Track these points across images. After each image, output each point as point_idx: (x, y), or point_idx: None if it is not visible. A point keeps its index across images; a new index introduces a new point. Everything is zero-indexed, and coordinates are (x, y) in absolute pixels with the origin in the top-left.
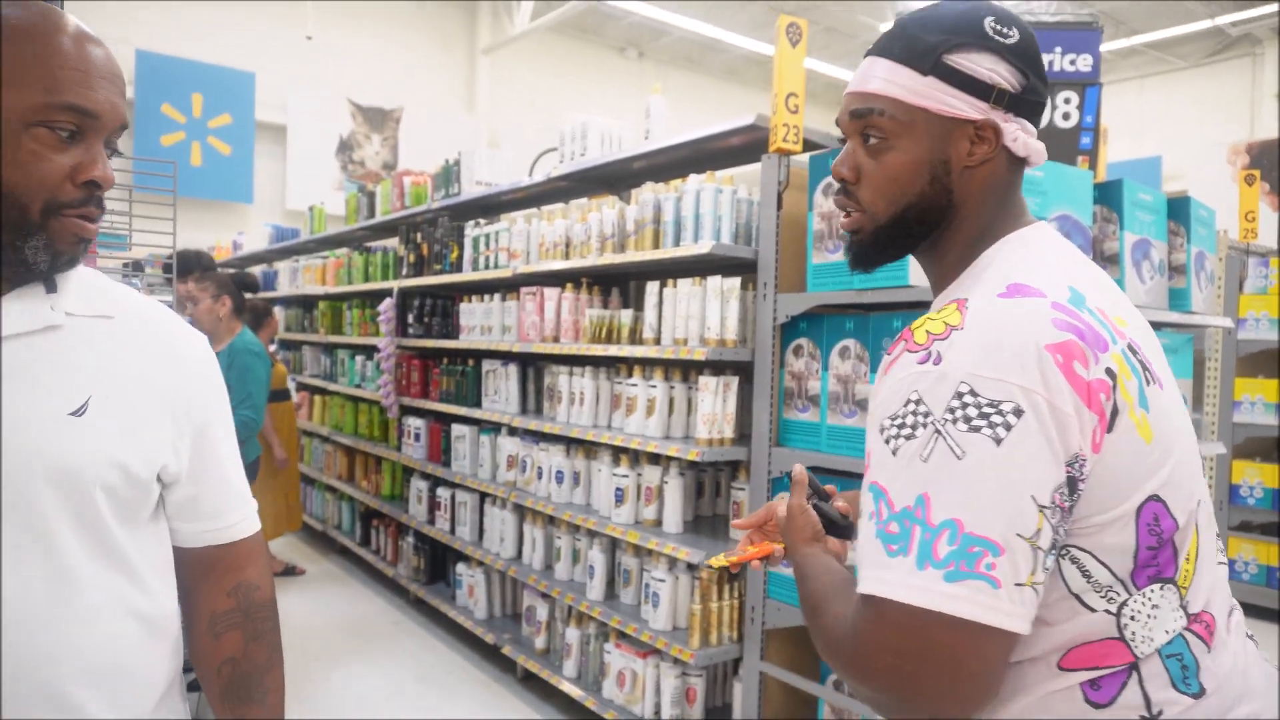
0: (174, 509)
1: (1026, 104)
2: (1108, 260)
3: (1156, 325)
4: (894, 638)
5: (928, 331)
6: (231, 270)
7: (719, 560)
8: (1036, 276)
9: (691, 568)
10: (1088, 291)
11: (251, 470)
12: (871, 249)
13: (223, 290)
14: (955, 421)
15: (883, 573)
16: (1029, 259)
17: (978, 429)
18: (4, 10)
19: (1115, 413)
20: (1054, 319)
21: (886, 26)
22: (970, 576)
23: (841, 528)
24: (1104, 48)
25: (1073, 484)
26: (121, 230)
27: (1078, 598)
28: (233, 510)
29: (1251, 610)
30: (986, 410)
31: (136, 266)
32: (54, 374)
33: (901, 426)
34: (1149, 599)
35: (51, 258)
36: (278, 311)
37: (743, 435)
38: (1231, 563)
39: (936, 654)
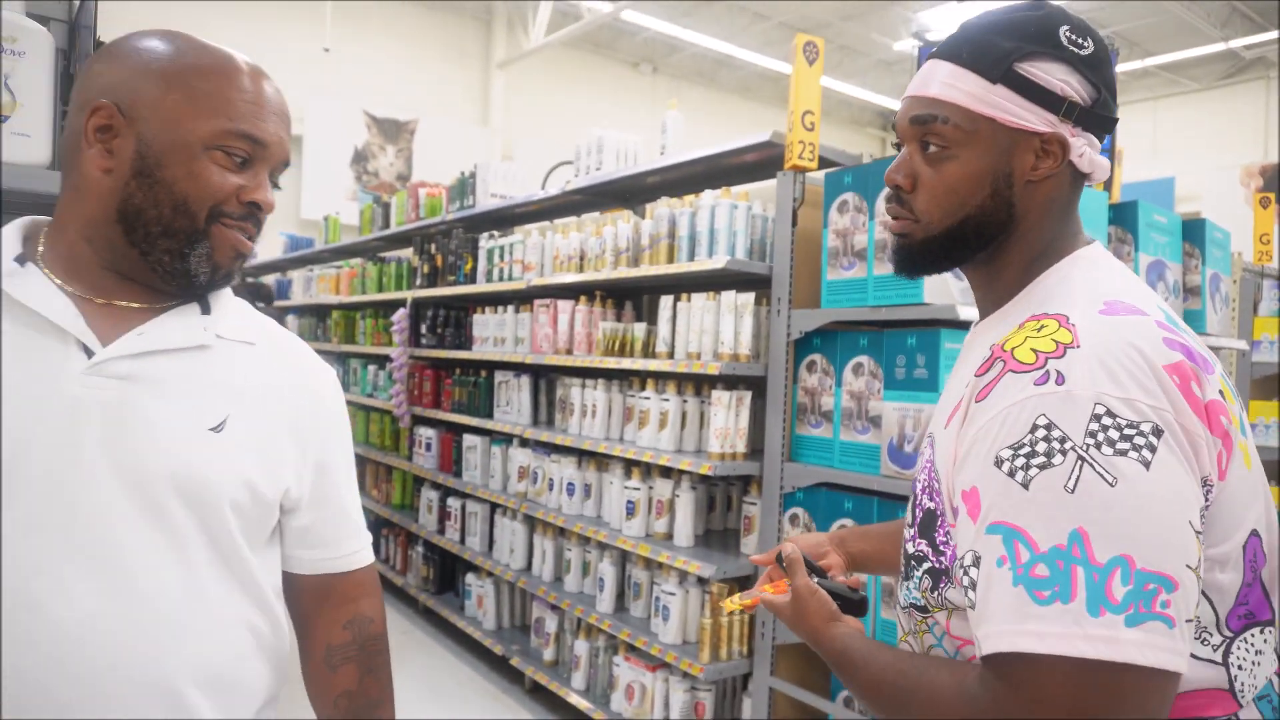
0: (293, 535)
1: (1095, 118)
2: None
3: None
4: (1068, 699)
5: (1035, 350)
6: (249, 280)
7: (734, 603)
8: (1130, 294)
9: (702, 581)
10: (1170, 311)
11: None
12: (920, 257)
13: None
14: (1099, 446)
15: (1034, 625)
16: (1113, 277)
17: (1124, 452)
18: (194, 51)
19: (1230, 437)
20: (1164, 338)
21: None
22: (1150, 618)
23: (855, 603)
24: (1118, 69)
25: (1203, 512)
26: None
27: None
28: (350, 540)
29: None
30: (1128, 432)
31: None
32: (200, 390)
33: (1032, 455)
34: (1252, 645)
35: (211, 270)
36: (291, 320)
37: (755, 450)
38: None
39: (1124, 709)
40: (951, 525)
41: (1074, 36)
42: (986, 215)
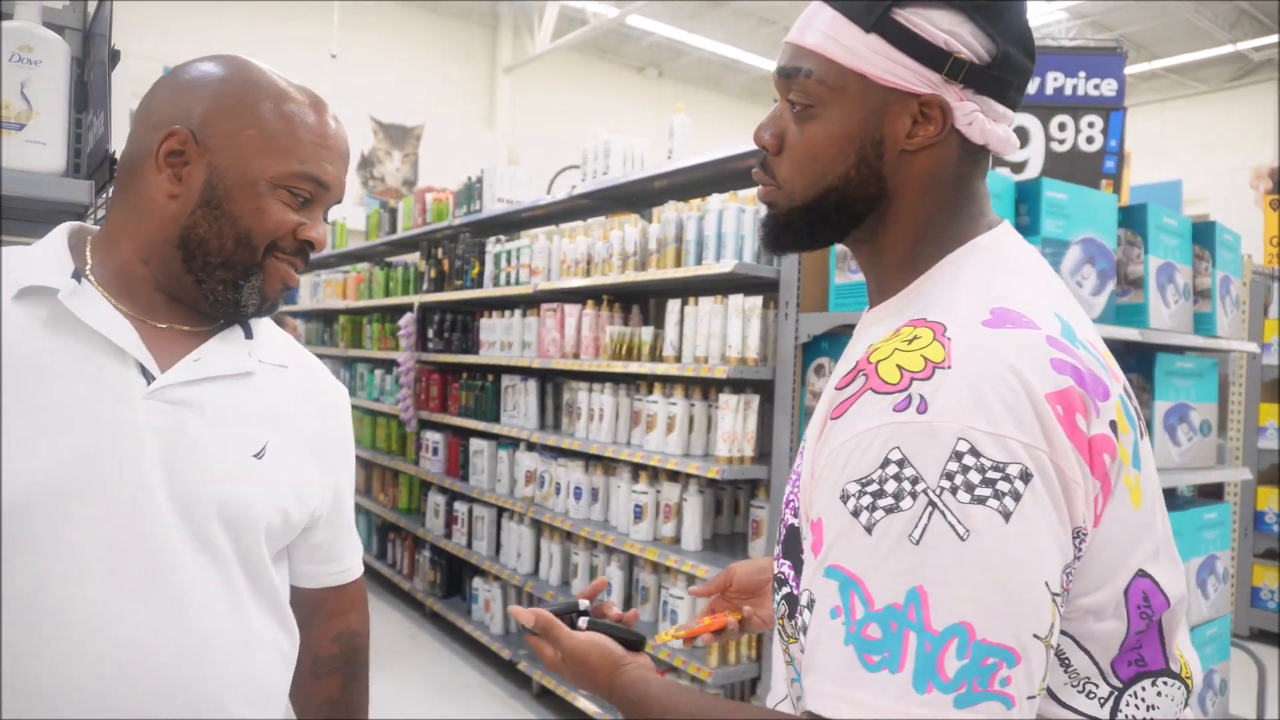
0: (305, 551)
1: (994, 80)
2: (1132, 284)
3: (1181, 349)
4: None
5: (900, 367)
6: None
7: (667, 635)
8: (1023, 300)
9: None
10: (1072, 318)
11: None
12: (784, 231)
13: None
14: (955, 490)
15: (859, 692)
16: (1010, 277)
17: (982, 499)
18: (270, 87)
19: (1110, 479)
20: (1052, 359)
21: None
22: (984, 698)
23: (634, 643)
24: (1127, 71)
25: (1069, 567)
26: None
27: (1053, 694)
28: (349, 555)
29: (1278, 639)
30: (991, 475)
31: None
32: (245, 417)
33: (879, 495)
34: (1143, 698)
35: (260, 301)
36: (299, 324)
37: (763, 454)
38: (1256, 590)
39: None
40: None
41: None
42: (852, 188)
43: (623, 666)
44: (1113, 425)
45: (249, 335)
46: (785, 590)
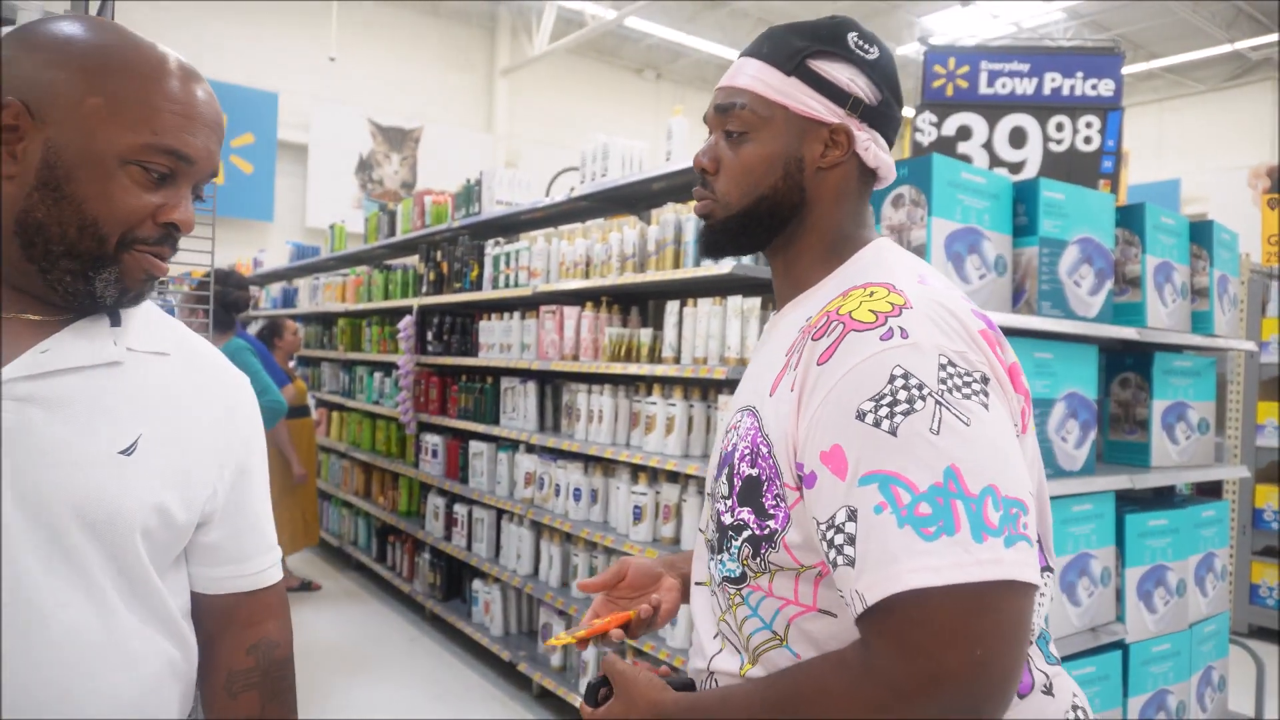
0: (202, 552)
1: (881, 118)
2: (1130, 283)
3: (1179, 348)
4: (960, 628)
5: (873, 310)
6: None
7: (561, 639)
8: (935, 274)
9: None
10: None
11: None
12: (721, 236)
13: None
14: (950, 391)
15: (926, 560)
16: (916, 262)
17: (969, 396)
18: (120, 48)
19: (1029, 397)
20: (971, 309)
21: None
22: (1018, 538)
23: (683, 684)
24: (1124, 71)
25: None
26: None
27: None
28: (259, 557)
29: (1277, 636)
30: (966, 379)
31: (172, 284)
32: (109, 410)
33: (894, 404)
34: (1048, 585)
35: (119, 293)
36: (299, 328)
37: None
38: (1255, 587)
39: (1008, 626)
40: (789, 486)
41: (861, 42)
42: (780, 196)
43: (668, 690)
44: (1015, 366)
45: (116, 323)
46: (746, 534)
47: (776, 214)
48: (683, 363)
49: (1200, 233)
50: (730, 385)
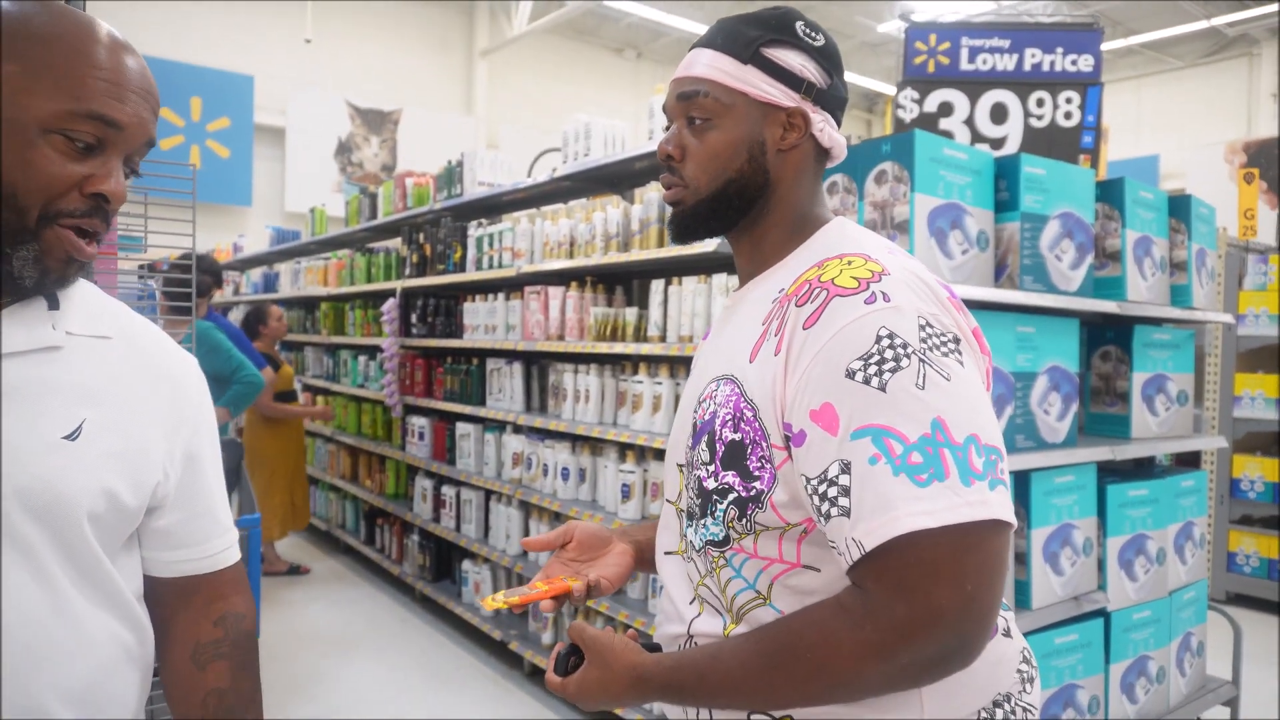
0: (154, 537)
1: (831, 99)
2: (1110, 257)
3: (1158, 321)
4: (955, 563)
5: (854, 277)
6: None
7: (496, 600)
8: (898, 249)
9: None
10: None
11: (233, 451)
12: (692, 220)
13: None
14: (931, 350)
15: (921, 504)
16: (879, 237)
17: (946, 354)
18: (42, 12)
19: (990, 359)
20: (936, 278)
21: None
22: (998, 482)
23: (652, 648)
24: (1103, 48)
25: None
26: (138, 233)
27: None
28: (217, 539)
29: (1254, 603)
30: (942, 338)
31: (153, 268)
32: (50, 396)
33: (882, 362)
34: None
35: (39, 274)
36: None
37: None
38: (1232, 556)
39: (993, 562)
40: (776, 447)
41: (808, 30)
42: (746, 179)
43: (639, 663)
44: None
45: (54, 306)
46: (732, 496)
47: (744, 195)
48: (668, 341)
49: (1179, 207)
50: None
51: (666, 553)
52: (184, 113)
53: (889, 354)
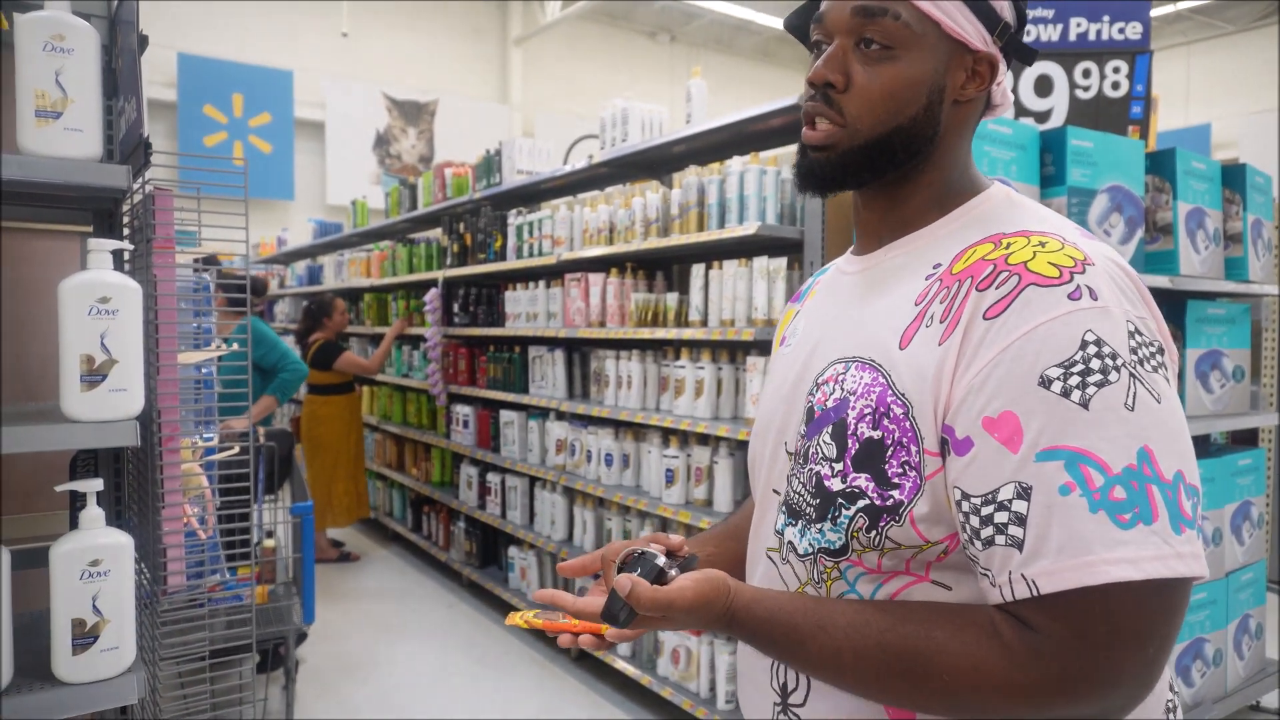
0: None
1: (1018, 47)
2: (1161, 231)
3: (1213, 295)
4: (1146, 624)
5: (1053, 264)
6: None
7: (521, 620)
8: (1087, 231)
9: None
10: None
11: (283, 441)
12: (840, 169)
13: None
14: (1141, 363)
15: (1122, 551)
16: (1057, 215)
17: (1156, 369)
18: None
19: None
20: (1129, 266)
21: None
22: (1201, 531)
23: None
24: (1151, 14)
25: None
26: (192, 228)
27: None
28: None
29: None
30: (1150, 349)
31: (209, 260)
32: None
33: (1087, 373)
34: None
35: None
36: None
37: None
38: None
39: (1177, 624)
40: (930, 453)
41: None
42: (917, 128)
43: (728, 594)
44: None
45: None
46: (862, 503)
47: (908, 148)
48: (710, 325)
49: (1233, 177)
50: (759, 346)
51: (769, 551)
52: (226, 109)
53: (1095, 364)
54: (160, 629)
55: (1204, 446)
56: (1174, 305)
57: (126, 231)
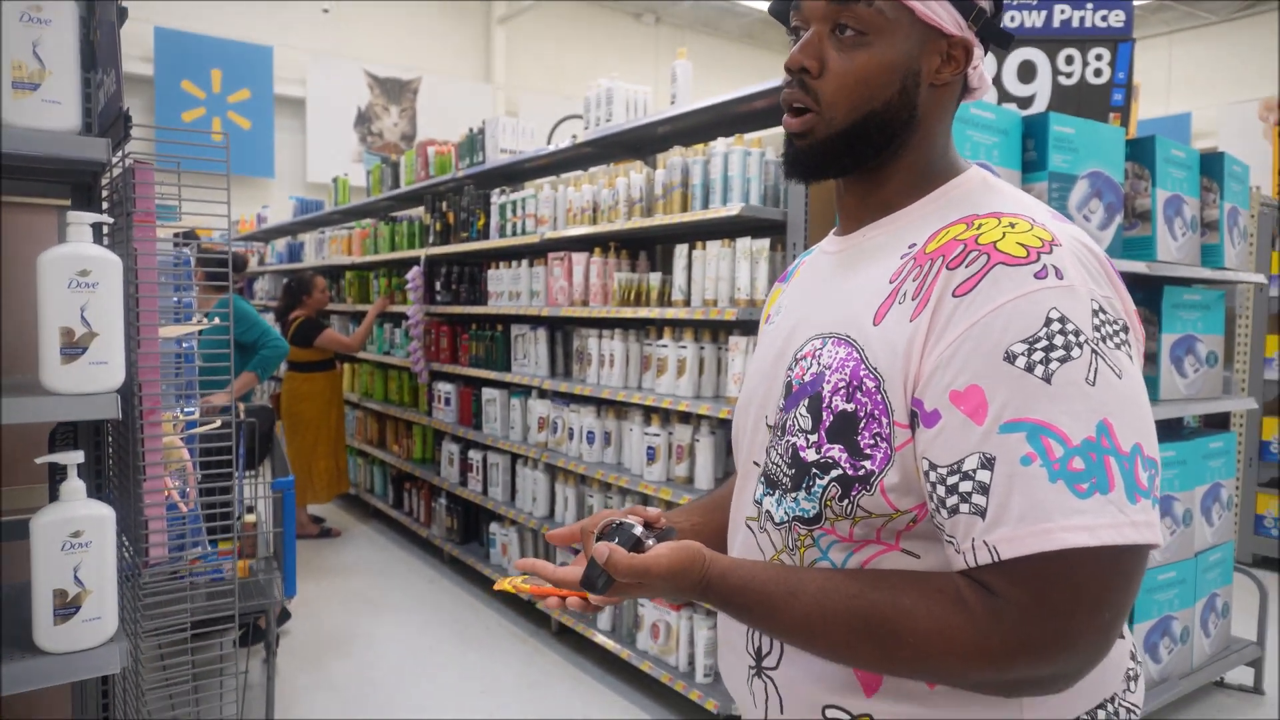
0: None
1: (994, 31)
2: (1139, 217)
3: (1189, 281)
4: (1102, 589)
5: (1021, 244)
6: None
7: (510, 585)
8: (1057, 213)
9: None
10: None
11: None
12: (820, 156)
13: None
14: (1104, 340)
15: (1080, 519)
16: (1030, 197)
17: (1118, 346)
18: None
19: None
20: (1097, 246)
21: None
22: (1158, 500)
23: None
24: (1133, 2)
25: None
26: (172, 202)
27: None
28: None
29: (1278, 565)
30: (1114, 327)
31: (188, 236)
32: None
33: (1050, 349)
34: None
35: None
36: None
37: None
38: (1260, 518)
39: (1133, 590)
40: (900, 425)
41: None
42: (892, 113)
43: (703, 562)
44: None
45: None
46: (836, 473)
47: (884, 132)
48: (693, 305)
49: (1211, 165)
50: (741, 326)
51: (748, 520)
52: (205, 85)
53: (1059, 340)
54: (142, 601)
55: (1176, 430)
56: (1151, 290)
57: (106, 205)
